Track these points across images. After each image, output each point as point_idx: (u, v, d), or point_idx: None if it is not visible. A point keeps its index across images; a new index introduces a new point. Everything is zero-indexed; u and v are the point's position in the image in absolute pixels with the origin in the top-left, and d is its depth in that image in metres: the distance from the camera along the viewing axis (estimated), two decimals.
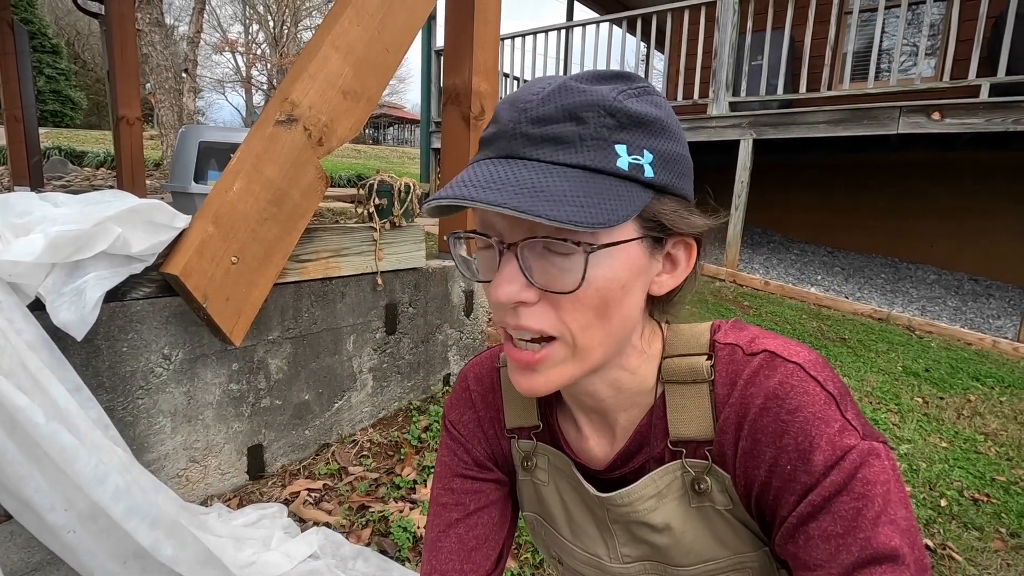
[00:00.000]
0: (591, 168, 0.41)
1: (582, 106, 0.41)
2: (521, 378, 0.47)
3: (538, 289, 0.43)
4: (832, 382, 0.46)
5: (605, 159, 0.41)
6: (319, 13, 24.41)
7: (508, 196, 0.38)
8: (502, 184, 0.40)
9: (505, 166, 0.42)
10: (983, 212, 5.47)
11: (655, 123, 0.44)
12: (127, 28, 4.01)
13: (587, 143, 0.41)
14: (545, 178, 0.40)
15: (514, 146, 0.43)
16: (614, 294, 0.44)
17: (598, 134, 0.41)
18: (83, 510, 1.06)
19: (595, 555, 0.59)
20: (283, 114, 1.50)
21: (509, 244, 0.43)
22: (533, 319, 0.44)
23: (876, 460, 0.42)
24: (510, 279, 0.43)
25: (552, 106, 0.42)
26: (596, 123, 0.41)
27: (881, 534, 0.40)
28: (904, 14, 4.14)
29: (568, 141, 0.41)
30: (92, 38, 19.19)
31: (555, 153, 0.41)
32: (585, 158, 0.41)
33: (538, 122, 0.42)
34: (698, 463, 0.50)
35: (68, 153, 8.00)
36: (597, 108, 0.41)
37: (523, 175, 0.40)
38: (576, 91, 0.42)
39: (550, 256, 0.43)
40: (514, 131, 0.43)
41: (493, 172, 0.41)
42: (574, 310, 0.43)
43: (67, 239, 1.12)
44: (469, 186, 0.40)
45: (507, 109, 0.44)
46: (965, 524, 1.83)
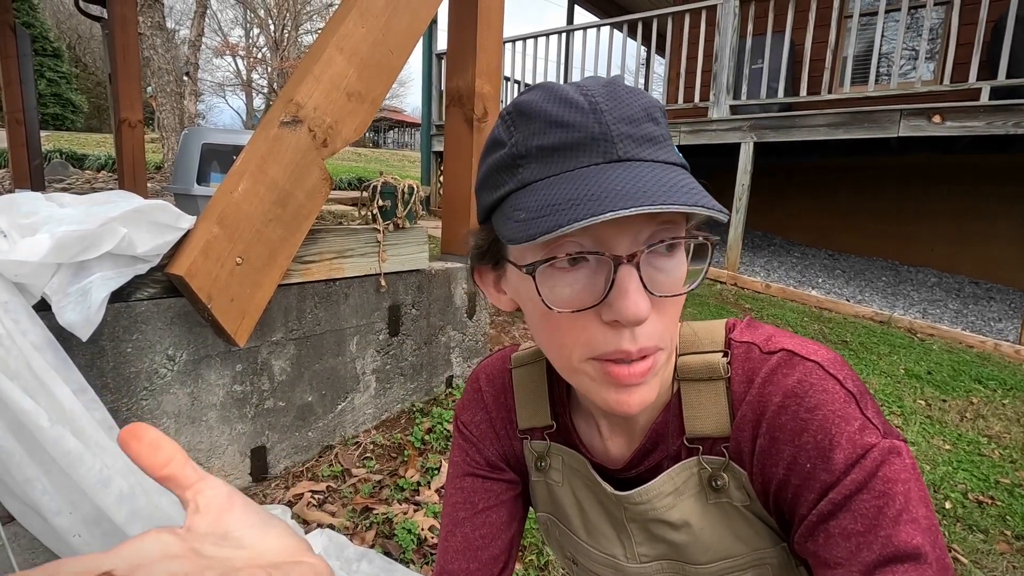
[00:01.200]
0: (681, 164, 0.42)
1: (651, 107, 0.42)
2: (630, 397, 0.43)
3: (655, 300, 0.41)
4: (851, 380, 0.46)
5: (677, 156, 0.42)
6: (320, 17, 24.48)
7: (678, 195, 0.36)
8: (654, 186, 0.37)
9: (630, 169, 0.39)
10: (983, 215, 5.48)
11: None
12: (129, 31, 4.02)
13: (668, 142, 0.42)
14: (676, 176, 0.39)
15: (623, 148, 0.40)
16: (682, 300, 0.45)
17: (667, 134, 0.43)
18: (87, 514, 1.06)
19: (612, 555, 0.58)
20: (288, 115, 1.51)
21: (628, 256, 0.39)
22: (647, 337, 0.41)
23: (897, 458, 0.42)
24: (640, 293, 0.39)
25: (635, 107, 0.41)
26: (663, 123, 0.42)
27: (903, 532, 0.40)
28: (904, 18, 4.16)
29: (660, 141, 0.41)
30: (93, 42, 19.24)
31: (657, 152, 0.41)
32: (674, 156, 0.42)
33: (631, 122, 0.40)
34: (715, 460, 0.50)
35: (69, 156, 8.01)
36: (659, 108, 0.42)
37: (658, 176, 0.38)
38: (634, 93, 0.42)
39: (656, 260, 0.41)
40: (612, 132, 0.40)
41: (628, 177, 0.38)
42: (672, 313, 0.43)
43: (73, 239, 1.12)
44: (625, 195, 0.36)
45: (572, 112, 0.40)
46: (970, 527, 1.83)
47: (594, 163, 0.40)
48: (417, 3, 1.78)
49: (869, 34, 4.99)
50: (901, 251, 5.96)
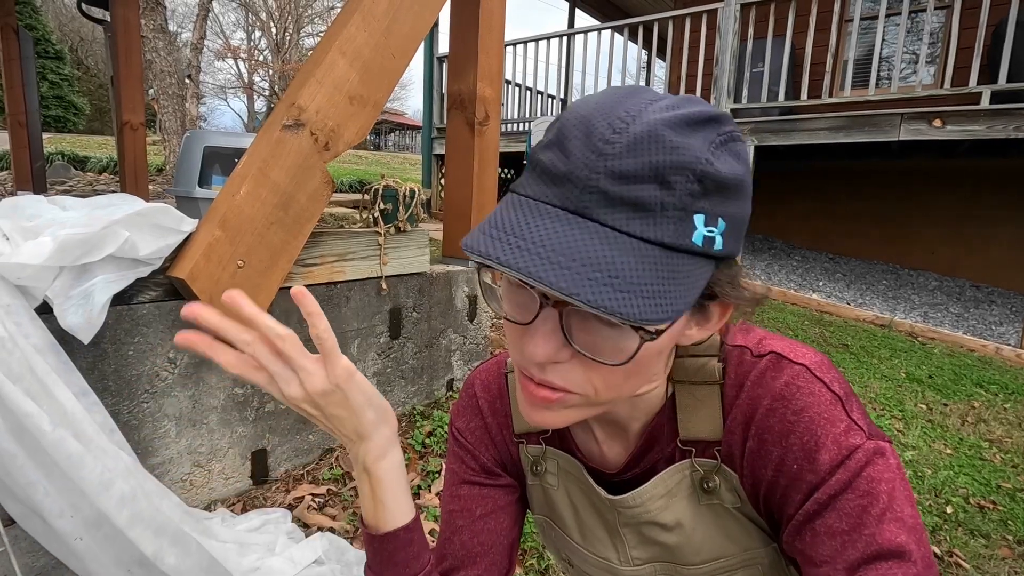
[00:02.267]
0: (667, 245, 0.37)
1: (673, 168, 0.36)
2: (533, 412, 0.45)
3: (574, 351, 0.40)
4: (838, 383, 0.46)
5: (683, 233, 0.37)
6: (321, 20, 24.54)
7: (580, 282, 0.34)
8: (572, 257, 0.35)
9: (573, 229, 0.36)
10: (984, 219, 5.48)
11: (736, 186, 0.39)
12: (131, 34, 4.03)
13: (668, 213, 0.36)
14: (621, 256, 0.35)
15: (586, 201, 0.37)
16: (651, 359, 0.43)
17: (682, 203, 0.37)
18: (88, 517, 1.06)
19: (605, 558, 0.59)
20: (290, 119, 1.51)
21: (555, 302, 0.39)
22: (559, 377, 0.41)
23: (881, 459, 0.43)
24: (549, 338, 0.39)
25: (640, 161, 0.36)
26: (682, 190, 0.36)
27: (887, 531, 0.41)
28: (904, 22, 4.17)
29: (649, 209, 0.36)
30: (95, 44, 19.30)
31: (631, 221, 0.36)
32: (664, 232, 0.36)
33: (620, 179, 0.36)
34: (707, 462, 0.51)
35: (71, 158, 8.03)
36: (687, 172, 0.36)
37: (596, 249, 0.35)
38: (668, 147, 0.36)
39: (596, 324, 0.39)
40: (589, 182, 0.36)
41: (559, 234, 0.36)
42: (607, 373, 0.41)
43: (75, 242, 1.12)
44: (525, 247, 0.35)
45: (581, 144, 0.37)
46: (971, 531, 1.83)
47: (553, 202, 0.38)
48: (419, 7, 1.78)
49: (870, 38, 5.00)
50: (902, 255, 5.96)
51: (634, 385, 0.45)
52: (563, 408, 0.44)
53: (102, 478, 1.06)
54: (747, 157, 0.41)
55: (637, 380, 0.45)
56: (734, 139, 0.40)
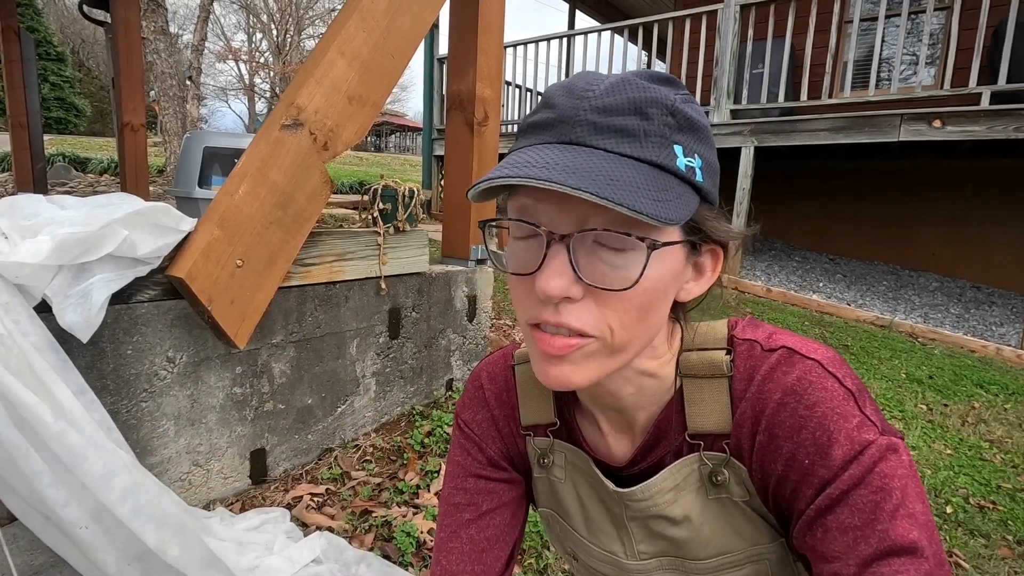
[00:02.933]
0: (656, 164, 0.41)
1: (647, 101, 0.41)
2: (550, 367, 0.44)
3: (585, 285, 0.41)
4: (850, 378, 0.46)
5: (667, 157, 0.41)
6: (322, 22, 24.58)
7: (586, 182, 0.37)
8: (575, 169, 0.38)
9: (571, 152, 0.40)
10: (984, 220, 5.47)
11: (704, 131, 0.44)
12: (132, 36, 4.04)
13: (651, 138, 0.41)
14: (618, 168, 0.39)
15: (578, 133, 0.41)
16: (658, 295, 0.43)
17: (660, 131, 0.41)
18: (90, 509, 1.06)
19: (611, 552, 0.59)
20: (289, 119, 1.51)
21: (561, 235, 0.41)
22: (575, 316, 0.42)
23: (894, 455, 0.43)
24: (560, 272, 0.41)
25: (618, 97, 0.41)
26: (660, 120, 0.41)
27: (899, 526, 0.40)
28: (904, 23, 4.17)
29: (633, 134, 0.41)
30: (97, 46, 19.34)
31: (620, 144, 0.41)
32: (648, 152, 0.41)
33: (604, 111, 0.41)
34: (716, 456, 0.50)
35: (72, 160, 8.04)
36: (661, 105, 0.41)
37: (594, 163, 0.39)
38: (639, 86, 0.42)
39: (601, 252, 0.41)
40: (577, 117, 0.41)
41: (559, 156, 0.40)
42: (620, 309, 0.42)
43: (74, 241, 1.12)
44: (538, 167, 0.38)
45: (563, 96, 0.43)
46: (971, 531, 1.82)
47: (549, 141, 0.42)
48: (418, 8, 1.79)
49: (869, 39, 5.01)
50: (902, 255, 5.95)
51: (645, 331, 0.45)
52: (582, 358, 0.43)
53: (104, 471, 1.06)
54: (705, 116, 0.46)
55: (647, 326, 0.45)
56: (692, 100, 0.45)
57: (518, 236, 0.45)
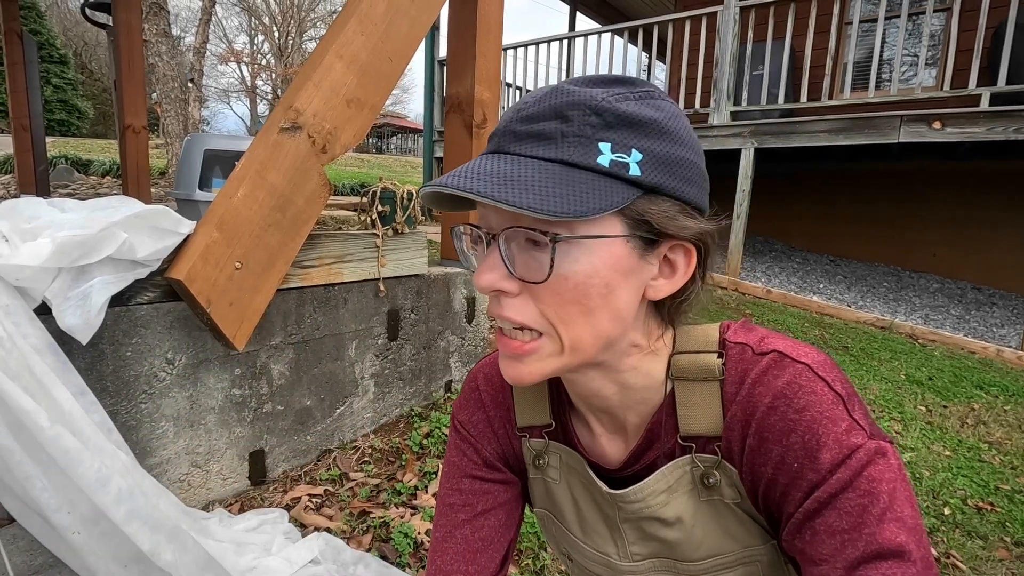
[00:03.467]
0: (568, 162, 0.43)
1: (568, 105, 0.43)
2: (507, 366, 0.48)
3: (518, 280, 0.45)
4: (840, 382, 0.46)
5: (585, 155, 0.42)
6: (323, 24, 24.64)
7: (480, 184, 0.41)
8: (479, 174, 0.42)
9: (490, 160, 0.44)
10: (985, 221, 5.47)
11: (649, 124, 0.44)
12: (134, 39, 4.06)
13: (568, 139, 0.43)
14: (519, 169, 0.42)
15: (503, 142, 0.46)
16: (596, 290, 0.44)
17: (581, 131, 0.43)
18: (85, 513, 1.07)
19: (605, 553, 0.59)
20: (288, 122, 1.52)
21: (494, 234, 0.45)
22: (513, 310, 0.46)
23: (883, 459, 0.43)
24: (491, 267, 0.45)
25: (542, 106, 0.44)
26: (580, 121, 0.43)
27: (887, 530, 0.41)
28: (904, 24, 4.17)
29: (550, 137, 0.43)
30: (99, 48, 19.40)
31: (536, 148, 0.44)
32: (563, 153, 0.43)
33: (526, 120, 0.44)
34: (707, 458, 0.51)
35: (74, 162, 8.07)
36: (582, 107, 0.43)
37: (500, 167, 0.43)
38: (567, 92, 0.44)
39: (530, 248, 0.44)
40: (505, 129, 0.46)
41: (477, 164, 0.44)
42: (552, 303, 0.45)
43: (74, 244, 1.13)
44: (456, 176, 0.43)
45: (507, 112, 0.47)
46: (969, 533, 1.82)
47: (486, 151, 0.47)
48: (416, 11, 1.80)
49: (869, 40, 5.01)
50: (903, 257, 5.95)
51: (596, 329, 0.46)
52: (534, 360, 0.47)
53: (99, 474, 1.07)
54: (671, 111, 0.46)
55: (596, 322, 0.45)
56: (652, 96, 0.46)
57: (474, 239, 0.50)
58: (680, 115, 0.47)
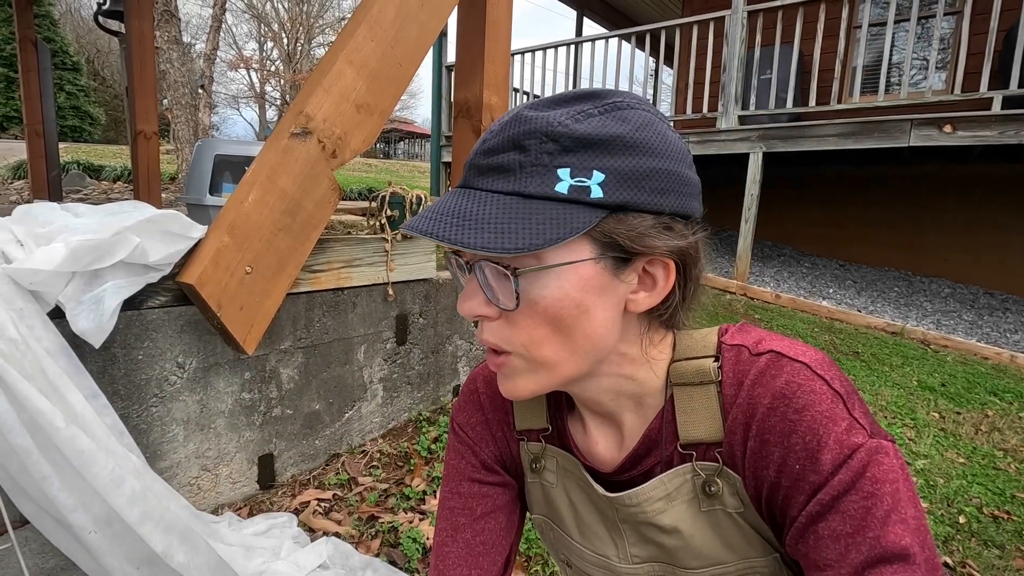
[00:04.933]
0: (524, 194, 0.43)
1: (524, 135, 0.43)
2: (500, 381, 0.51)
3: (494, 306, 0.47)
4: (839, 380, 0.46)
5: (542, 184, 0.43)
6: (332, 31, 24.85)
7: (443, 227, 0.42)
8: (443, 215, 0.43)
9: (456, 196, 0.45)
10: (997, 225, 5.41)
11: (611, 141, 0.42)
12: (146, 46, 4.11)
13: (526, 170, 0.43)
14: (478, 207, 0.43)
15: (468, 177, 0.47)
16: (568, 312, 0.45)
17: (538, 160, 0.43)
18: (98, 514, 1.07)
19: (604, 556, 0.59)
20: (298, 127, 1.53)
21: (472, 265, 0.47)
22: (489, 333, 0.48)
23: (884, 458, 0.42)
24: (470, 295, 0.47)
25: (501, 137, 0.45)
26: (537, 150, 0.43)
27: (891, 533, 0.40)
28: (914, 28, 4.14)
29: (508, 169, 0.44)
30: (111, 55, 19.65)
31: (495, 182, 0.44)
32: (520, 185, 0.43)
33: (487, 153, 0.45)
34: (709, 465, 0.50)
35: (86, 167, 8.16)
36: (539, 135, 0.43)
37: (462, 205, 0.44)
38: (523, 120, 0.44)
39: (496, 276, 0.46)
40: (471, 162, 0.47)
41: (446, 203, 0.45)
42: (525, 327, 0.46)
43: (87, 248, 1.14)
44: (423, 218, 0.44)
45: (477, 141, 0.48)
46: (985, 542, 1.79)
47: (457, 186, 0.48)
48: (425, 17, 1.81)
49: (879, 44, 4.98)
50: (914, 261, 5.89)
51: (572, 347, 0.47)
52: (512, 374, 0.49)
53: (113, 475, 1.07)
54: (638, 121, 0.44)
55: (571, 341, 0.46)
56: (617, 107, 0.45)
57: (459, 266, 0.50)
58: (652, 123, 0.45)
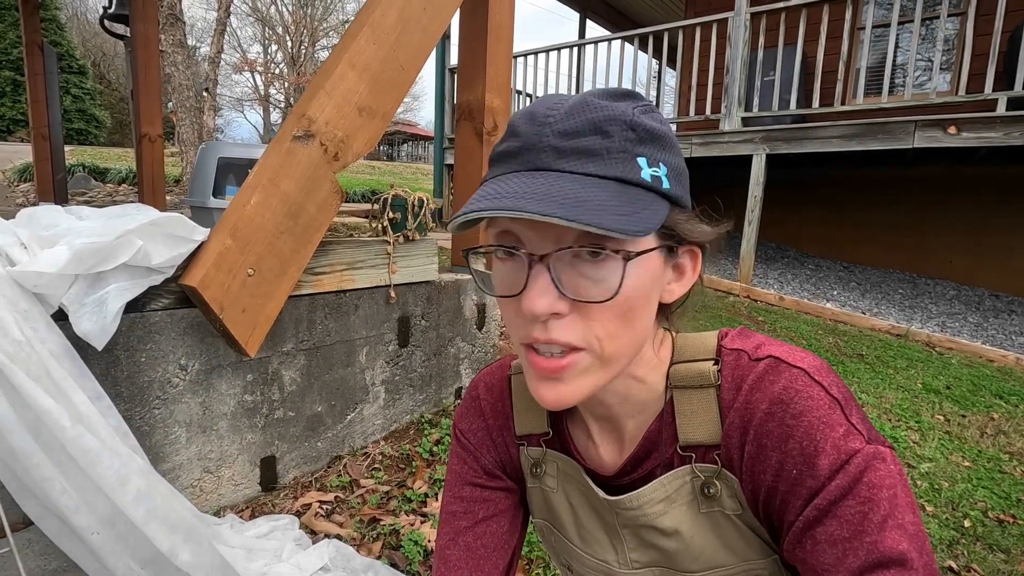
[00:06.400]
0: (621, 179, 0.42)
1: (606, 120, 0.43)
2: (546, 390, 0.45)
3: (569, 300, 0.43)
4: (836, 387, 0.46)
5: (631, 171, 0.43)
6: (336, 34, 24.94)
7: (553, 207, 0.38)
8: (543, 195, 0.40)
9: (539, 178, 0.42)
10: (1002, 227, 5.38)
11: (665, 138, 0.45)
12: (151, 49, 4.13)
13: (613, 156, 0.43)
14: (583, 189, 0.41)
15: (543, 159, 0.43)
16: (639, 302, 0.45)
17: (622, 147, 0.43)
18: (103, 514, 1.08)
19: (604, 561, 0.59)
20: (300, 130, 1.54)
21: (540, 255, 0.43)
22: (562, 331, 0.43)
23: (881, 464, 0.42)
24: (544, 291, 0.42)
25: (577, 120, 0.43)
26: (620, 136, 0.43)
27: (888, 538, 0.40)
28: (917, 29, 4.13)
29: (596, 153, 0.42)
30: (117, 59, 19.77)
31: (585, 165, 0.42)
32: (614, 169, 0.42)
33: (565, 135, 0.43)
34: (707, 467, 0.51)
35: (92, 170, 8.20)
36: (620, 122, 0.43)
37: (561, 186, 0.40)
38: (597, 106, 0.43)
39: (580, 266, 0.43)
40: (541, 144, 0.43)
41: (527, 184, 0.41)
42: (604, 319, 0.44)
43: (90, 251, 1.15)
44: (507, 197, 0.40)
45: (526, 124, 0.44)
46: (990, 546, 1.78)
47: (517, 170, 0.44)
48: (428, 20, 1.81)
49: (882, 45, 4.96)
50: (918, 263, 5.87)
51: (632, 339, 0.46)
52: (574, 376, 0.45)
53: (118, 474, 1.08)
54: (667, 123, 0.48)
55: (634, 333, 0.46)
56: (653, 109, 0.47)
57: (501, 259, 0.46)
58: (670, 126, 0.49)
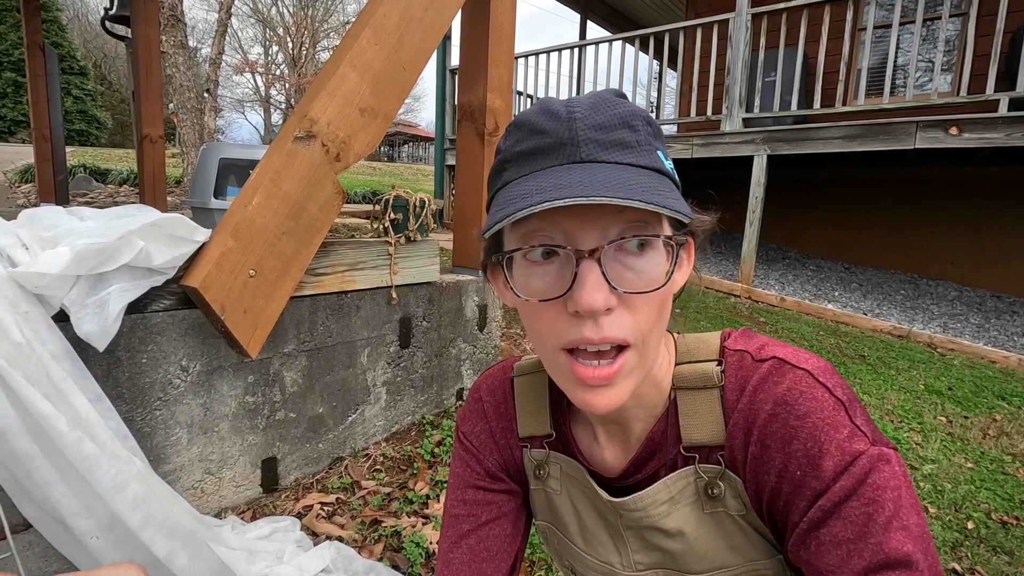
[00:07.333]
0: (656, 169, 0.44)
1: (629, 115, 0.44)
2: (595, 397, 0.44)
3: (619, 294, 0.42)
4: (841, 388, 0.46)
5: (658, 161, 0.44)
6: (337, 35, 24.97)
7: (629, 192, 0.38)
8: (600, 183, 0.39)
9: (592, 169, 0.41)
10: (1004, 228, 5.38)
11: (662, 136, 0.48)
12: (152, 50, 4.13)
13: (643, 148, 0.44)
14: (637, 177, 0.41)
15: (585, 151, 0.42)
16: (668, 292, 0.46)
17: (647, 140, 0.44)
18: (101, 519, 1.07)
19: (608, 563, 0.59)
20: (302, 131, 1.54)
21: (589, 251, 0.42)
22: (614, 327, 0.42)
23: (886, 466, 0.42)
24: (597, 285, 0.41)
25: (605, 114, 0.43)
26: (644, 131, 0.44)
27: (893, 539, 0.40)
28: (919, 30, 4.13)
29: (630, 145, 0.43)
30: (118, 60, 19.80)
31: (624, 156, 0.43)
32: (648, 160, 0.44)
33: (600, 129, 0.43)
34: (711, 468, 0.50)
35: (93, 171, 8.21)
36: (640, 117, 0.45)
37: (619, 175, 0.41)
38: (615, 102, 0.45)
39: (624, 258, 0.43)
40: (579, 137, 0.42)
41: (581, 176, 0.40)
42: (647, 310, 0.43)
43: (92, 252, 1.15)
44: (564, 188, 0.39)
45: (550, 120, 0.43)
46: (994, 548, 1.77)
47: (558, 164, 0.43)
48: (429, 21, 1.81)
49: (883, 46, 4.96)
50: (920, 264, 5.86)
51: (662, 330, 0.47)
52: (623, 377, 0.44)
53: (116, 480, 1.07)
54: None
55: (662, 323, 0.46)
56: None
57: (536, 261, 0.44)
58: None
